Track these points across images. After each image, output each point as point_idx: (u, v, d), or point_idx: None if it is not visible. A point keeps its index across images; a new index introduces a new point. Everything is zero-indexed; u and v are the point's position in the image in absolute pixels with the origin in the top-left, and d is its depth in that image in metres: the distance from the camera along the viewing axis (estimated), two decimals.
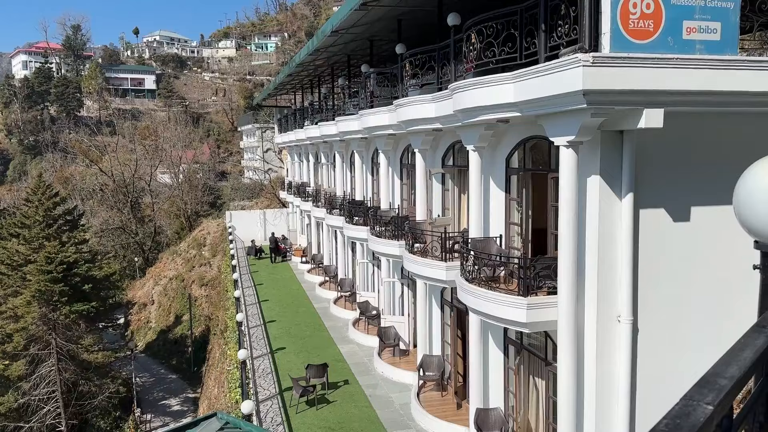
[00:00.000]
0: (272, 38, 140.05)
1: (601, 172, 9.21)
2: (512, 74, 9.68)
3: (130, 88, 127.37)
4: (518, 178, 12.24)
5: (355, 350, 20.16)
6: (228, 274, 32.14)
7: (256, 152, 75.35)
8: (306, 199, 32.37)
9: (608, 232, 9.32)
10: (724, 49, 8.58)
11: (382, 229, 17.99)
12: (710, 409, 1.11)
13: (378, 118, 17.64)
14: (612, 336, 9.44)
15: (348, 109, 22.09)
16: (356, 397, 16.42)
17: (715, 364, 1.34)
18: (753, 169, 1.78)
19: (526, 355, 12.18)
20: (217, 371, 26.59)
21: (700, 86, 8.32)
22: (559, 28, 8.79)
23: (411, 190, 18.97)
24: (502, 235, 12.48)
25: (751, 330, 1.65)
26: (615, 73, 7.91)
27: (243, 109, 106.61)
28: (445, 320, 16.34)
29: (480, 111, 10.79)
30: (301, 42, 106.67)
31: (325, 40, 19.72)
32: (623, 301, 9.33)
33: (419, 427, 14.45)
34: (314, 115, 29.06)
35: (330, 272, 28.60)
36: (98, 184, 63.07)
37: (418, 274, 14.72)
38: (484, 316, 11.27)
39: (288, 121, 37.48)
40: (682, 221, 9.62)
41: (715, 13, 8.52)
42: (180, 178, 63.29)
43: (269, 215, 43.77)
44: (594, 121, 8.52)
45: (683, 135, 9.50)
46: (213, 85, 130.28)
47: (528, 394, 12.30)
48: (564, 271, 9.33)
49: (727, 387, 1.22)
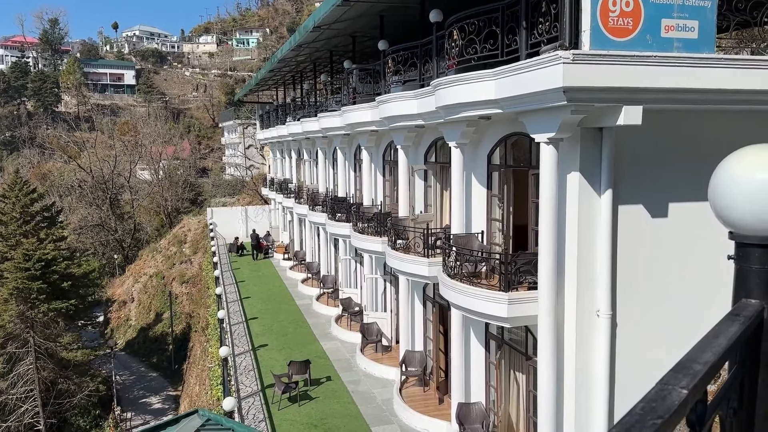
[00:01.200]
0: (254, 34, 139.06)
1: (581, 168, 9.31)
2: (493, 71, 9.73)
3: (109, 83, 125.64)
4: (500, 175, 12.32)
5: (337, 347, 20.16)
6: (209, 271, 31.94)
7: (237, 148, 74.80)
8: (288, 196, 32.24)
9: (587, 228, 9.43)
10: (701, 47, 8.71)
11: (364, 226, 18.00)
12: (685, 393, 1.14)
13: (360, 115, 17.62)
14: (591, 330, 9.56)
15: (330, 105, 22.04)
16: (339, 393, 16.44)
17: (691, 350, 1.37)
18: (728, 161, 1.82)
19: (507, 350, 12.29)
20: (198, 369, 26.42)
21: (677, 84, 8.44)
22: (540, 26, 8.86)
23: (394, 186, 19.00)
24: (484, 231, 12.56)
25: (725, 318, 1.69)
26: (594, 71, 8.00)
27: (224, 105, 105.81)
28: (427, 316, 16.41)
29: (462, 108, 10.84)
30: (282, 38, 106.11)
31: (307, 35, 19.64)
32: (602, 296, 9.45)
33: (401, 423, 14.51)
34: (296, 112, 28.94)
35: (312, 269, 28.55)
36: (77, 181, 62.17)
37: (401, 271, 14.76)
38: (465, 312, 11.34)
39: (270, 117, 37.28)
40: (660, 217, 9.76)
41: (693, 11, 8.65)
42: (160, 174, 62.66)
43: (251, 212, 43.53)
44: (574, 118, 8.61)
45: (662, 132, 9.63)
46: (193, 81, 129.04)
47: (509, 389, 12.41)
48: (544, 266, 9.42)
49: (702, 372, 1.26)
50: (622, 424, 1.02)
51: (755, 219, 1.78)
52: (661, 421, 1.04)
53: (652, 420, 1.04)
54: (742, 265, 1.89)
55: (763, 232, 1.80)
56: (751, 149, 1.85)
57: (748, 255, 1.87)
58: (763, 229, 1.79)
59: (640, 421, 1.03)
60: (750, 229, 1.81)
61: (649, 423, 1.03)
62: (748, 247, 1.85)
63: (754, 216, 1.77)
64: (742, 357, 1.82)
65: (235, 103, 74.72)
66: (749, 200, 1.76)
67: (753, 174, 1.76)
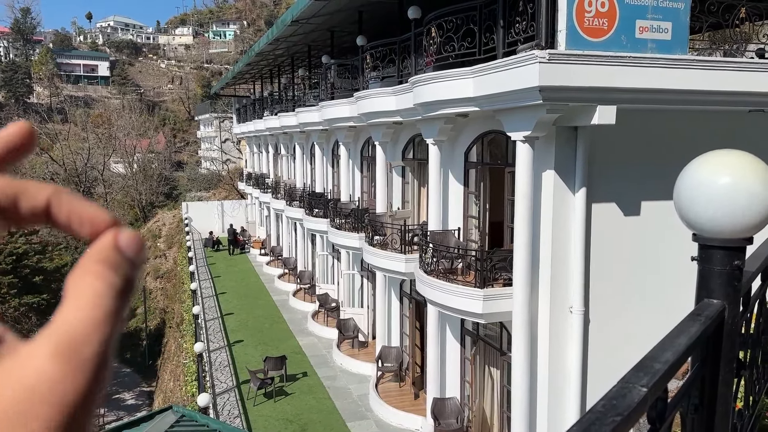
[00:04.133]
0: (231, 26, 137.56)
1: (556, 167, 9.43)
2: (471, 69, 9.79)
3: (82, 74, 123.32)
4: (476, 172, 12.41)
5: (314, 342, 20.14)
6: (184, 266, 31.62)
7: (213, 142, 74.03)
8: (265, 191, 32.05)
9: (562, 226, 9.56)
10: (674, 48, 8.88)
11: (342, 222, 17.99)
12: (644, 391, 1.18)
13: (338, 110, 17.59)
14: (564, 326, 9.71)
15: (308, 100, 21.95)
16: (315, 389, 16.44)
17: (652, 349, 1.42)
18: (693, 165, 1.88)
19: (482, 346, 12.41)
20: (172, 364, 26.18)
21: (651, 84, 8.59)
22: (517, 25, 8.93)
23: (371, 182, 19.01)
24: (461, 228, 12.65)
25: (687, 317, 1.75)
26: (570, 70, 8.10)
27: (200, 98, 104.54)
28: (404, 312, 16.48)
29: (439, 105, 10.89)
30: (260, 31, 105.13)
31: (285, 29, 19.52)
32: (575, 292, 9.59)
33: (377, 418, 14.57)
34: (274, 106, 28.76)
35: (289, 264, 28.45)
36: (49, 173, 60.94)
37: (378, 267, 14.80)
38: (441, 308, 11.42)
39: (247, 111, 36.98)
40: (633, 215, 9.94)
41: (667, 13, 8.80)
42: (134, 167, 61.78)
43: (227, 206, 43.18)
44: (549, 116, 8.71)
45: (635, 131, 9.80)
46: (169, 73, 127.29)
47: (483, 384, 12.54)
48: (519, 263, 9.54)
49: (662, 371, 1.30)
50: (583, 422, 1.06)
51: (717, 222, 1.84)
52: (620, 419, 1.08)
53: (612, 417, 1.08)
54: (705, 266, 1.95)
55: (724, 235, 1.87)
56: (714, 154, 1.91)
57: (711, 256, 1.93)
58: (724, 232, 1.86)
59: (600, 419, 1.07)
60: (712, 231, 1.88)
61: (609, 420, 1.07)
62: (711, 248, 1.92)
63: (716, 219, 1.84)
64: (703, 355, 1.88)
65: (211, 96, 73.83)
66: (712, 204, 1.82)
67: (716, 178, 1.82)
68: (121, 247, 0.36)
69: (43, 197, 0.37)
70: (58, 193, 0.37)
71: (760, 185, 1.81)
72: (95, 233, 0.37)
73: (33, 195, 0.37)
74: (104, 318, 0.34)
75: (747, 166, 1.83)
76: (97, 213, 0.37)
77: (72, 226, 0.37)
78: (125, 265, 0.36)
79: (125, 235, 0.37)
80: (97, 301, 0.34)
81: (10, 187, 0.36)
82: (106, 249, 0.36)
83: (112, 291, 0.34)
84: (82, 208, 0.37)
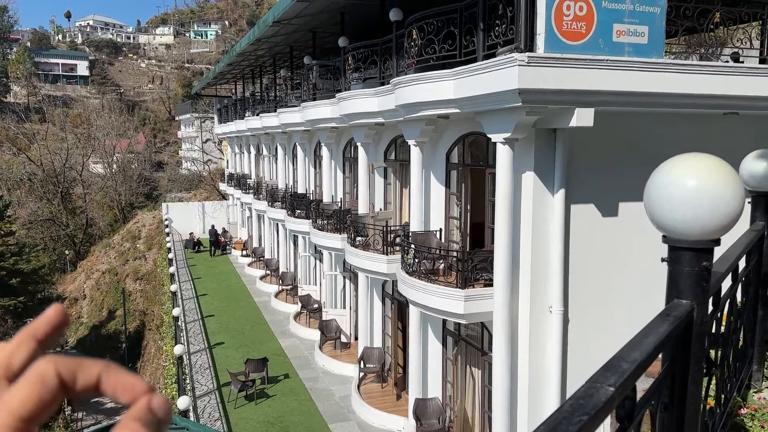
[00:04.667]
0: (212, 26, 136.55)
1: (535, 168, 9.51)
2: (452, 71, 9.85)
3: (61, 73, 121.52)
4: (458, 173, 12.48)
5: (296, 344, 20.08)
6: (164, 267, 31.32)
7: (194, 142, 73.40)
8: (247, 192, 31.88)
9: (541, 227, 9.65)
10: (651, 51, 9.01)
11: (324, 223, 17.97)
12: (611, 391, 1.21)
13: (320, 111, 17.57)
14: (544, 326, 9.80)
15: (290, 100, 21.88)
16: (296, 391, 16.39)
17: (621, 349, 1.46)
18: (662, 168, 1.92)
19: (464, 346, 12.48)
20: (152, 367, 25.94)
21: (628, 87, 8.71)
22: (496, 28, 9.00)
23: (353, 183, 19.01)
24: (442, 229, 12.71)
25: (657, 317, 1.79)
26: (548, 73, 8.19)
27: (181, 97, 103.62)
28: (386, 313, 16.50)
29: (421, 106, 10.94)
30: (242, 31, 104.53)
31: (266, 30, 19.46)
32: (554, 292, 9.69)
33: (359, 419, 14.57)
34: (255, 106, 28.63)
35: (271, 265, 28.32)
36: (26, 174, 59.99)
37: (360, 268, 14.81)
38: (423, 308, 11.46)
39: (228, 111, 36.75)
40: (611, 216, 10.06)
41: (643, 17, 8.93)
42: (114, 168, 61.07)
43: (208, 207, 42.86)
44: (529, 119, 8.79)
45: (613, 134, 9.92)
46: (149, 73, 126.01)
47: (465, 384, 12.61)
48: (500, 264, 9.61)
49: (629, 370, 1.33)
50: (550, 421, 1.08)
51: (686, 224, 1.88)
52: (587, 418, 1.11)
53: (579, 416, 1.10)
54: (675, 267, 2.00)
55: (692, 237, 1.91)
56: (683, 158, 1.95)
57: (680, 258, 1.98)
58: (693, 234, 1.90)
59: (567, 418, 1.10)
60: (681, 233, 1.92)
61: (576, 419, 1.09)
62: (680, 250, 1.96)
63: (684, 221, 1.88)
64: (672, 354, 1.93)
65: (192, 96, 73.25)
66: (680, 206, 1.86)
67: (684, 181, 1.87)
68: (153, 410, 0.46)
69: (95, 373, 0.46)
70: (107, 368, 0.47)
71: (726, 188, 1.86)
72: (135, 398, 0.47)
73: (88, 371, 0.46)
74: None
75: (714, 170, 1.88)
76: (136, 383, 0.47)
77: (117, 394, 0.47)
78: (156, 423, 0.45)
79: (157, 400, 0.47)
80: None
81: (72, 366, 0.45)
82: (142, 410, 0.45)
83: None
84: (125, 379, 0.47)
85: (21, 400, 0.42)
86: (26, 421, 0.41)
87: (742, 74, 9.69)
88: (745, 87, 9.65)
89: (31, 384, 0.43)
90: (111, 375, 0.46)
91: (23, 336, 0.50)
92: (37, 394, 0.43)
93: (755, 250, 3.62)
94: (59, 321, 0.51)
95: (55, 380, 0.44)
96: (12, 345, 0.50)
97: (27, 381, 0.44)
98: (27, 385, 0.43)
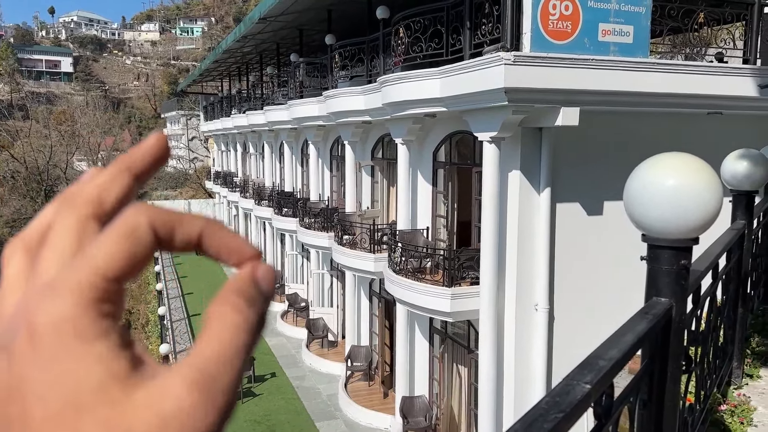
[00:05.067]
0: (198, 23, 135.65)
1: (521, 167, 9.56)
2: (439, 70, 9.87)
3: (45, 70, 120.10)
4: (445, 172, 12.50)
5: (283, 342, 20.03)
6: (149, 266, 31.09)
7: (180, 140, 72.93)
8: (233, 190, 31.73)
9: (527, 225, 9.70)
10: (636, 51, 9.08)
11: (311, 221, 17.92)
12: (588, 388, 1.22)
13: (307, 109, 17.52)
14: (530, 324, 9.85)
15: (277, 98, 21.80)
16: (283, 390, 16.36)
17: (598, 347, 1.47)
18: (641, 168, 1.94)
19: (450, 344, 12.51)
20: None
21: (613, 86, 8.78)
22: (483, 27, 9.03)
23: (341, 181, 18.98)
24: (429, 228, 12.73)
25: (636, 315, 1.80)
26: (534, 72, 8.22)
27: (167, 95, 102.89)
28: (373, 311, 16.50)
29: (408, 105, 10.94)
30: (228, 28, 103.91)
31: (253, 26, 19.36)
32: (540, 290, 9.75)
33: (346, 417, 14.57)
34: (242, 104, 28.48)
35: None
36: (9, 171, 59.30)
37: (347, 266, 14.79)
38: (410, 307, 11.48)
39: (214, 108, 36.53)
40: (596, 215, 10.13)
41: (628, 17, 9.00)
42: (98, 165, 60.46)
43: (194, 206, 42.67)
44: (515, 117, 8.83)
45: (599, 133, 9.99)
46: (135, 70, 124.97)
47: (451, 382, 12.65)
48: (486, 262, 9.64)
49: (606, 368, 1.34)
50: (526, 418, 1.09)
51: (664, 223, 1.90)
52: (563, 415, 1.12)
53: (555, 414, 1.11)
54: (653, 265, 2.02)
55: (671, 235, 1.93)
56: (662, 157, 1.97)
57: (659, 256, 2.00)
58: (671, 233, 1.92)
59: (543, 415, 1.11)
60: (659, 232, 1.94)
61: (551, 417, 1.10)
62: (659, 248, 1.98)
63: (663, 220, 1.90)
64: (651, 352, 1.95)
65: (178, 94, 72.73)
66: (659, 205, 1.88)
67: (663, 181, 1.89)
68: (258, 282, 0.38)
69: (197, 229, 0.39)
70: (210, 224, 0.39)
71: (704, 188, 1.89)
72: (241, 262, 0.40)
73: (188, 226, 0.38)
74: (239, 351, 0.35)
75: (693, 169, 1.90)
76: (243, 244, 0.40)
77: (221, 256, 0.40)
78: (261, 299, 0.38)
79: (262, 269, 0.39)
80: (234, 333, 0.35)
81: (169, 218, 0.38)
82: (246, 282, 0.38)
83: (248, 325, 0.36)
84: (231, 239, 0.40)
85: (108, 256, 0.34)
86: (112, 280, 0.34)
87: (726, 74, 9.80)
88: (728, 87, 9.76)
89: (121, 237, 0.35)
90: (216, 232, 0.39)
91: (117, 167, 0.41)
92: (127, 250, 0.35)
93: (735, 249, 3.66)
94: (160, 152, 0.42)
95: (149, 234, 0.36)
96: (104, 176, 0.40)
97: (116, 232, 0.35)
98: (116, 237, 0.35)
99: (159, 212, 0.37)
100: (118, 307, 0.34)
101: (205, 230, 0.39)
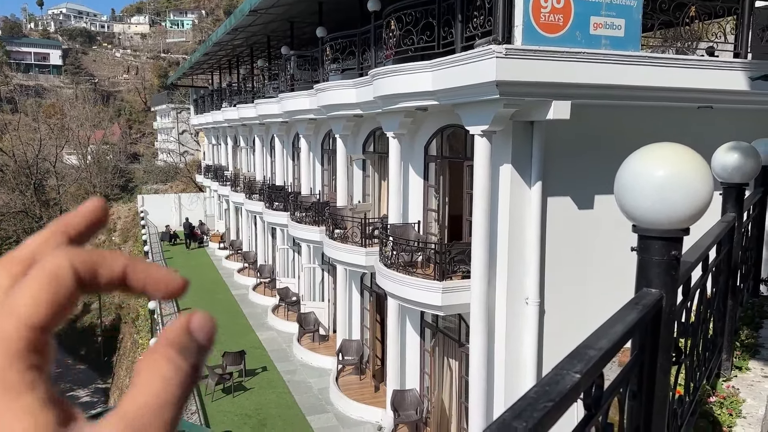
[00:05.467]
0: (188, 15, 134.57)
1: (513, 161, 9.55)
2: (430, 63, 9.83)
3: (33, 63, 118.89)
4: (436, 166, 12.49)
5: (274, 337, 20.00)
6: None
7: (170, 134, 72.46)
8: (224, 184, 31.58)
9: (518, 219, 9.71)
10: (627, 44, 9.08)
11: (302, 215, 17.87)
12: (577, 377, 1.21)
13: (298, 102, 17.44)
14: (521, 317, 9.88)
15: (268, 91, 21.68)
16: (274, 384, 16.34)
17: (588, 337, 1.45)
18: (632, 158, 1.92)
19: (441, 338, 12.53)
20: (128, 361, 25.66)
21: (604, 80, 8.78)
22: (474, 19, 9.00)
23: (332, 175, 18.93)
24: (420, 221, 12.72)
25: (625, 306, 1.79)
26: (526, 65, 8.21)
27: (157, 88, 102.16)
28: (364, 305, 16.50)
29: (399, 98, 10.90)
30: (219, 20, 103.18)
31: (243, 19, 19.22)
32: (531, 284, 9.76)
33: (337, 411, 14.58)
34: (232, 97, 28.32)
35: (249, 258, 28.14)
36: None
37: (339, 260, 14.77)
38: (401, 301, 11.48)
39: (205, 102, 36.29)
40: (587, 208, 10.15)
41: (620, 10, 8.99)
42: (88, 159, 60.10)
43: (185, 200, 42.44)
44: (506, 111, 8.81)
45: (590, 126, 10.00)
46: (125, 63, 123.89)
47: (442, 375, 12.67)
48: (477, 256, 9.64)
49: (596, 357, 1.33)
50: (516, 407, 1.07)
51: (655, 213, 1.89)
52: (552, 404, 1.10)
53: (544, 403, 1.10)
54: (644, 256, 2.01)
55: (662, 226, 1.92)
56: (652, 147, 1.96)
57: (649, 247, 1.98)
58: (662, 223, 1.91)
59: (532, 404, 1.09)
60: (650, 222, 1.93)
61: (540, 406, 1.09)
62: (649, 239, 1.97)
63: (654, 211, 1.89)
64: (641, 343, 1.94)
65: (168, 87, 72.20)
66: (650, 196, 1.87)
67: (653, 171, 1.88)
68: (193, 332, 0.37)
69: (120, 266, 0.38)
70: (133, 260, 0.39)
71: (695, 178, 1.87)
72: (169, 294, 0.40)
73: (111, 264, 0.38)
74: (168, 403, 0.34)
75: (683, 160, 1.89)
76: (168, 275, 0.40)
77: (148, 290, 0.39)
78: (195, 350, 0.37)
79: (198, 319, 0.38)
80: (164, 385, 0.35)
81: (91, 259, 0.37)
82: (180, 332, 0.37)
83: (179, 377, 0.36)
84: (155, 271, 0.40)
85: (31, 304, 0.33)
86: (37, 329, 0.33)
87: (716, 68, 9.82)
88: (719, 81, 9.79)
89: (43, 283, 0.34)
90: (139, 267, 0.39)
91: (53, 230, 0.41)
92: (49, 295, 0.34)
93: (726, 241, 3.67)
94: (97, 217, 0.42)
95: (71, 277, 0.35)
96: (39, 239, 0.40)
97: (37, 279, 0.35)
98: (36, 283, 0.34)
99: (79, 254, 0.37)
100: (45, 357, 0.34)
101: (128, 267, 0.38)
